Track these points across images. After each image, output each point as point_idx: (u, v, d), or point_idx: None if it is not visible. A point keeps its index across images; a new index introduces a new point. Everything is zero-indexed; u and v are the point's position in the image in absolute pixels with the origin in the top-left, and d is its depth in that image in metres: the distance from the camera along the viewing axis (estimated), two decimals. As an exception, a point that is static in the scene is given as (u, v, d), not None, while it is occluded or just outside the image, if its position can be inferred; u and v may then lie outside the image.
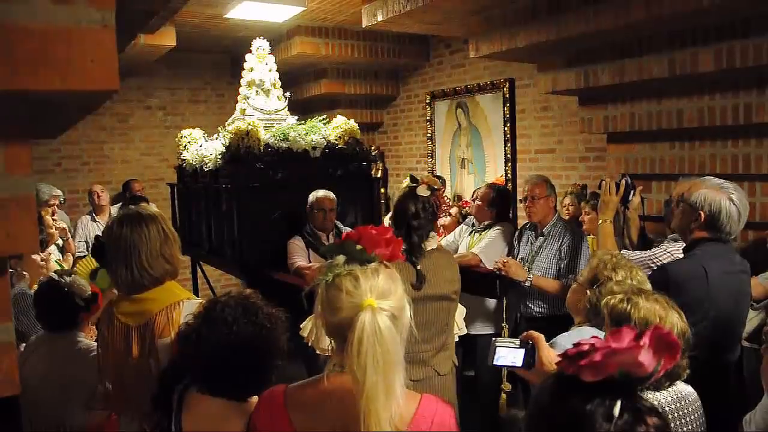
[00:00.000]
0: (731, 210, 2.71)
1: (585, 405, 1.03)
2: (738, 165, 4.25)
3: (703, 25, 3.98)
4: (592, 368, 1.03)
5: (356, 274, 1.44)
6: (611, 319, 2.02)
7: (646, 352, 1.01)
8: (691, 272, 2.65)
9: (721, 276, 2.60)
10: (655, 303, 1.97)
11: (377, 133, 9.48)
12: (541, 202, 4.28)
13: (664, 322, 1.92)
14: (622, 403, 1.02)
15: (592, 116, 5.11)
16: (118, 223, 2.36)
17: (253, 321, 1.88)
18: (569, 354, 1.06)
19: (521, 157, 7.05)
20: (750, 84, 4.03)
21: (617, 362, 1.02)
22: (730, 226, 2.73)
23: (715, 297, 2.55)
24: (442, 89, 8.04)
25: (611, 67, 4.59)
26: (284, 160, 4.85)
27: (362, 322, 1.34)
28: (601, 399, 1.03)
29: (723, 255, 2.76)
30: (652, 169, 4.77)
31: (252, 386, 1.82)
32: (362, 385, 1.32)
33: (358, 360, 1.32)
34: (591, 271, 2.49)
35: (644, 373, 1.03)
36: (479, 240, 4.71)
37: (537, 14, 4.57)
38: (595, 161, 6.18)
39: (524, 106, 6.95)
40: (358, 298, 1.39)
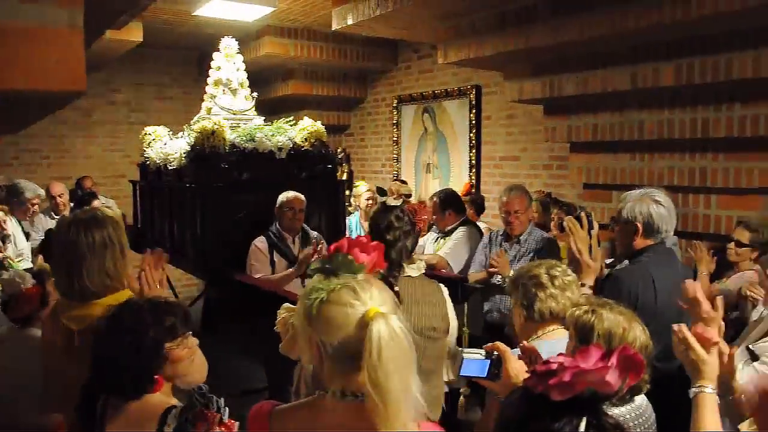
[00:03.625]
0: (661, 211, 2.85)
1: (553, 423, 1.05)
2: (695, 177, 4.36)
3: (664, 40, 4.08)
4: (561, 387, 1.05)
5: (352, 285, 1.38)
6: (576, 331, 2.05)
7: (614, 371, 1.04)
8: (640, 278, 2.76)
9: (667, 282, 2.68)
10: (619, 315, 2.01)
11: (344, 136, 9.48)
12: (522, 217, 4.33)
13: (627, 334, 1.96)
14: (587, 421, 1.05)
15: (556, 125, 5.19)
16: (66, 226, 2.24)
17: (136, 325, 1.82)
18: (538, 372, 1.08)
19: (486, 164, 7.12)
20: (708, 100, 4.14)
21: (585, 382, 1.05)
22: (664, 226, 2.86)
23: (662, 303, 2.63)
24: (409, 94, 8.09)
25: (576, 78, 4.68)
26: (250, 160, 4.82)
27: (378, 331, 1.28)
28: (568, 417, 1.05)
29: (667, 262, 2.88)
30: (612, 179, 4.86)
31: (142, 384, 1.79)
32: (386, 393, 1.26)
33: (381, 368, 1.26)
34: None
35: (610, 391, 1.06)
36: (443, 245, 4.77)
37: (505, 24, 4.63)
38: (558, 169, 6.27)
39: (490, 113, 7.03)
40: (361, 309, 1.33)
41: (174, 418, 1.70)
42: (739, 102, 4.00)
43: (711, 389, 1.81)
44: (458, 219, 4.86)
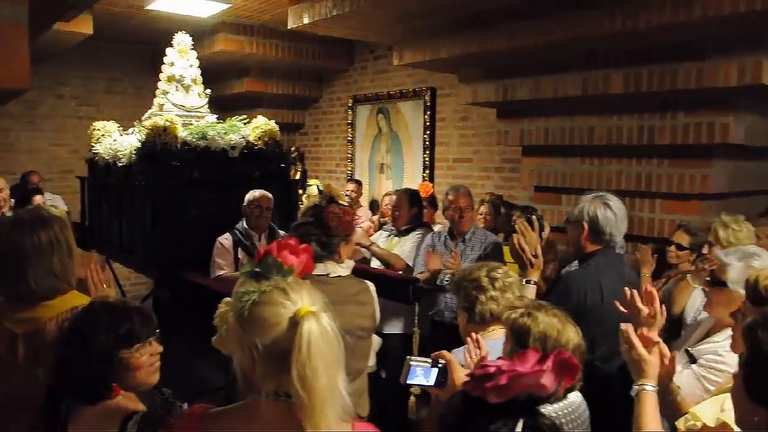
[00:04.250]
0: (608, 215, 2.92)
1: (489, 424, 1.09)
2: (641, 182, 4.48)
3: (615, 49, 4.18)
4: (498, 391, 1.08)
5: (282, 286, 1.40)
6: (512, 333, 2.09)
7: (549, 374, 1.08)
8: (588, 283, 2.83)
9: (614, 287, 2.75)
10: (554, 317, 2.06)
11: (298, 135, 9.44)
12: (470, 214, 4.41)
13: (561, 336, 2.01)
14: (524, 422, 1.08)
15: (508, 129, 5.27)
16: (8, 226, 2.16)
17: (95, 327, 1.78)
18: (476, 376, 1.11)
19: (439, 165, 7.18)
20: (654, 108, 4.26)
21: (521, 385, 1.08)
22: (610, 229, 2.92)
23: (608, 307, 2.69)
24: (364, 94, 8.10)
25: (529, 83, 4.75)
26: (202, 159, 4.77)
27: (308, 329, 1.30)
28: (505, 419, 1.08)
29: (615, 267, 2.95)
30: (563, 182, 4.96)
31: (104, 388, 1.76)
32: (312, 392, 1.29)
33: (310, 366, 1.28)
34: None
35: (545, 394, 1.09)
36: (397, 244, 4.78)
37: (461, 28, 4.68)
38: (510, 172, 6.37)
39: (445, 115, 7.09)
40: (292, 309, 1.35)
41: (135, 425, 1.67)
42: (683, 111, 4.13)
43: (652, 387, 1.89)
44: (416, 219, 4.89)
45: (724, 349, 2.21)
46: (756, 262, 2.23)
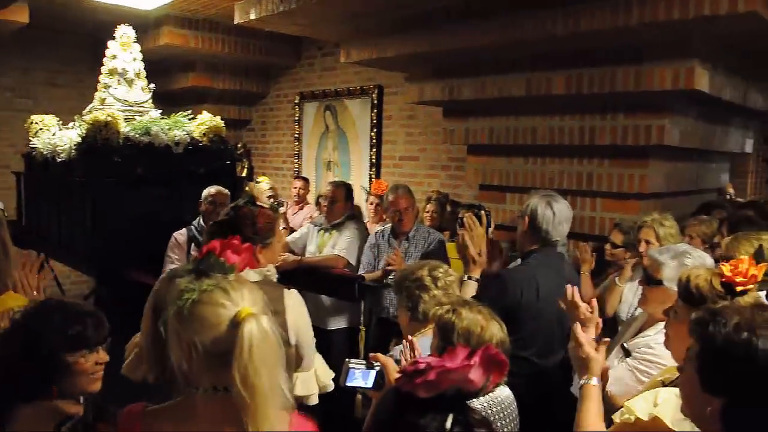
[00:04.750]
0: (547, 213, 2.99)
1: (419, 419, 1.11)
2: (582, 181, 4.60)
3: (557, 51, 4.28)
4: (427, 386, 1.11)
5: (224, 286, 1.40)
6: (438, 329, 2.15)
7: (477, 370, 1.11)
8: (525, 281, 2.88)
9: (550, 285, 2.82)
10: (478, 314, 2.11)
11: (245, 131, 9.34)
12: (411, 214, 4.43)
13: (484, 332, 2.06)
14: (454, 417, 1.11)
15: (454, 128, 5.33)
16: None
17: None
18: (407, 372, 1.14)
19: (386, 163, 7.22)
20: (594, 109, 4.37)
21: (450, 380, 1.11)
22: (546, 226, 2.99)
23: (544, 304, 2.76)
24: (311, 90, 8.07)
25: (474, 83, 4.82)
26: (145, 155, 4.69)
27: (249, 331, 1.32)
28: (435, 413, 1.11)
29: (553, 265, 3.01)
30: (507, 181, 5.05)
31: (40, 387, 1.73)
32: (254, 391, 1.30)
33: (251, 366, 1.30)
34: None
35: (474, 389, 1.13)
36: (330, 239, 4.75)
37: (407, 27, 4.71)
38: (455, 170, 6.45)
39: (391, 113, 7.12)
40: (233, 309, 1.36)
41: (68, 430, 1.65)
42: (622, 113, 4.25)
43: (596, 382, 1.95)
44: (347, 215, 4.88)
45: (656, 342, 2.30)
46: (688, 260, 2.32)
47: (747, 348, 1.29)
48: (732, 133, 5.41)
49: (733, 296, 1.88)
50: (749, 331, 1.30)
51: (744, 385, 1.29)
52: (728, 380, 1.32)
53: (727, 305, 1.41)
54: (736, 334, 1.31)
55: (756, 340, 1.28)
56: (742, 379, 1.29)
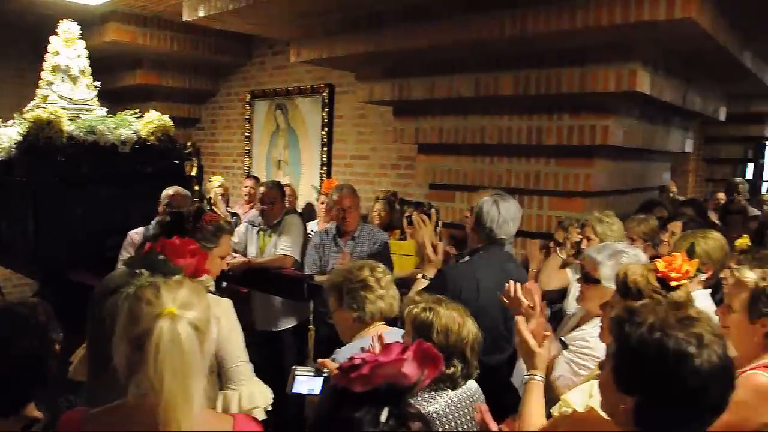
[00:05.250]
0: (492, 211, 3.05)
1: (354, 413, 1.14)
2: (530, 180, 4.69)
3: (505, 53, 4.35)
4: (361, 380, 1.14)
5: (158, 284, 1.40)
6: (414, 328, 2.16)
7: (410, 364, 1.14)
8: (465, 278, 2.94)
9: (492, 282, 2.87)
10: (454, 311, 2.16)
11: (194, 130, 9.22)
12: (354, 213, 4.44)
13: (462, 328, 2.11)
14: (389, 410, 1.14)
15: (404, 127, 5.37)
16: None
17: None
18: (342, 367, 1.17)
19: (336, 162, 7.22)
20: (541, 109, 4.47)
21: (383, 374, 1.14)
22: (490, 224, 3.04)
23: (485, 302, 2.80)
24: (262, 89, 8.02)
25: (424, 83, 4.87)
26: (90, 154, 4.58)
27: (160, 329, 1.32)
28: (370, 407, 1.14)
29: (497, 263, 3.05)
30: (456, 180, 5.11)
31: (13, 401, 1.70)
32: (160, 393, 1.30)
33: (155, 366, 1.30)
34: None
35: (409, 383, 1.16)
36: (270, 239, 4.71)
37: (357, 27, 4.72)
38: (405, 169, 6.49)
39: (342, 112, 7.13)
40: (158, 308, 1.35)
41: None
42: (568, 113, 4.35)
43: (540, 378, 2.02)
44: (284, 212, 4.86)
45: (591, 335, 2.37)
46: (624, 258, 2.40)
47: (659, 348, 1.30)
48: (673, 133, 5.59)
49: (668, 290, 1.96)
50: (662, 332, 1.31)
51: (655, 385, 1.31)
52: (641, 380, 1.34)
53: (645, 303, 1.43)
54: (649, 334, 1.33)
55: (668, 341, 1.30)
56: (653, 379, 1.31)
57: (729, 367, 1.32)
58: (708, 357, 1.28)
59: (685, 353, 1.28)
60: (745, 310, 2.16)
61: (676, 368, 1.28)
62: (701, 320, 1.34)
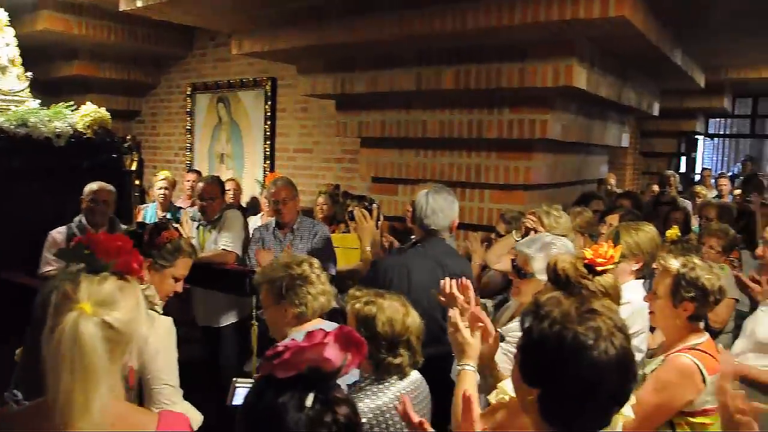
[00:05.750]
0: (422, 202, 3.08)
1: (278, 398, 1.16)
2: (471, 174, 4.75)
3: (446, 47, 4.40)
4: (283, 366, 1.16)
5: (80, 279, 1.36)
6: (358, 322, 2.17)
7: (332, 348, 1.16)
8: (395, 268, 2.96)
9: (425, 274, 2.90)
10: (396, 301, 2.19)
11: (134, 122, 9.03)
12: (290, 205, 4.41)
13: (407, 317, 2.14)
14: (314, 395, 1.16)
15: (347, 120, 5.37)
16: None
17: None
18: (267, 356, 1.19)
19: (280, 155, 7.19)
20: (482, 104, 4.53)
21: (305, 359, 1.16)
22: (422, 215, 3.08)
23: (417, 294, 2.81)
24: (204, 82, 7.90)
25: (366, 77, 4.87)
26: (22, 148, 4.43)
27: (65, 324, 1.27)
28: (295, 392, 1.16)
29: (432, 255, 3.06)
30: (399, 173, 5.14)
31: None
32: (56, 391, 1.26)
33: (54, 363, 1.26)
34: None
35: (332, 368, 1.18)
36: (210, 235, 4.67)
37: (299, 19, 4.69)
38: (349, 163, 6.50)
39: (285, 105, 7.09)
40: (73, 303, 1.31)
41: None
42: (508, 107, 4.43)
43: (471, 367, 2.04)
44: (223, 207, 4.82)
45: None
46: (554, 249, 2.47)
47: (557, 341, 1.33)
48: (609, 128, 5.74)
49: (595, 275, 2.03)
50: (561, 325, 1.34)
51: (555, 377, 1.34)
52: (541, 372, 1.36)
53: (551, 297, 1.45)
54: (550, 327, 1.35)
55: (566, 334, 1.32)
56: (553, 371, 1.34)
57: (627, 359, 1.34)
58: (605, 349, 1.30)
59: (581, 345, 1.30)
60: (669, 296, 2.30)
61: (573, 360, 1.31)
62: (603, 314, 1.36)
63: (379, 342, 2.11)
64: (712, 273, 2.31)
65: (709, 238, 4.20)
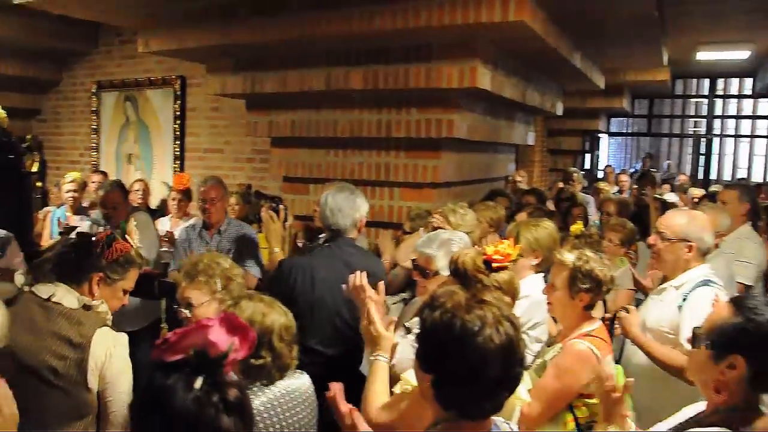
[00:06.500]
0: (327, 203, 3.08)
1: (166, 380, 1.19)
2: (381, 172, 4.82)
3: (354, 48, 4.45)
4: (169, 349, 1.20)
5: None
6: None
7: (217, 331, 1.22)
8: (299, 268, 2.96)
9: (330, 273, 2.93)
10: (260, 302, 2.16)
11: (35, 121, 8.65)
12: (219, 205, 4.35)
13: (266, 317, 2.09)
14: (203, 379, 1.19)
15: (257, 120, 5.34)
16: None
17: None
18: (156, 343, 1.23)
19: (190, 156, 7.07)
20: (391, 103, 4.61)
21: (190, 342, 1.20)
22: (325, 214, 3.09)
23: (322, 293, 2.85)
24: (110, 80, 7.67)
25: (276, 76, 4.87)
26: None
27: None
28: (183, 374, 1.19)
29: (340, 254, 3.07)
30: (310, 172, 5.16)
31: None
32: None
33: None
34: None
35: (219, 351, 1.21)
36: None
37: (208, 18, 4.62)
38: (260, 163, 6.47)
39: (195, 104, 6.98)
40: None
41: None
42: (416, 107, 4.52)
43: (384, 358, 2.12)
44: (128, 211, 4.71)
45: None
46: (454, 246, 2.56)
47: (446, 328, 1.40)
48: (516, 127, 5.95)
49: (492, 271, 2.13)
50: (452, 314, 1.41)
51: (443, 362, 1.41)
52: (432, 359, 1.44)
53: (448, 290, 1.52)
54: (441, 316, 1.43)
55: (455, 321, 1.40)
56: (442, 357, 1.41)
57: (513, 347, 1.41)
58: (489, 336, 1.37)
59: (468, 332, 1.38)
60: (566, 288, 2.42)
61: (460, 346, 1.38)
62: (491, 304, 1.44)
63: None
64: (604, 265, 2.46)
65: (609, 232, 4.42)
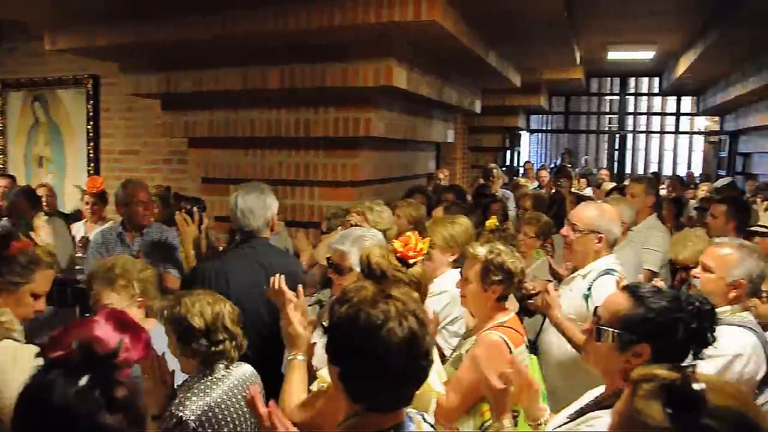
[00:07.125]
0: (237, 204, 3.05)
1: (46, 375, 1.15)
2: (300, 172, 4.82)
3: (271, 47, 4.42)
4: (53, 344, 1.18)
5: None
6: (172, 327, 2.19)
7: (102, 327, 1.21)
8: (212, 270, 2.95)
9: (246, 276, 2.91)
10: (201, 294, 2.23)
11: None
12: (151, 206, 4.24)
13: (214, 305, 2.19)
14: (90, 377, 1.14)
15: (174, 120, 5.23)
16: None
17: None
18: (40, 342, 1.21)
19: (105, 158, 6.86)
20: (308, 103, 4.61)
21: (73, 336, 1.18)
22: (237, 217, 3.06)
23: (239, 295, 2.81)
24: (16, 79, 7.33)
25: (191, 75, 4.78)
26: None
27: None
28: (63, 369, 1.15)
29: (254, 255, 3.04)
30: (228, 173, 5.10)
31: None
32: None
33: None
34: None
35: (107, 348, 1.19)
36: None
37: (120, 15, 4.50)
38: (178, 164, 6.35)
39: (109, 105, 6.78)
40: None
41: None
42: (333, 106, 4.54)
43: (302, 357, 2.15)
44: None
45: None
46: (366, 242, 2.57)
47: (350, 322, 1.44)
48: (435, 125, 6.04)
49: (407, 267, 2.17)
50: (357, 308, 1.44)
51: (348, 354, 1.45)
52: (338, 351, 1.48)
53: (357, 286, 1.55)
54: (347, 311, 1.46)
55: (359, 315, 1.43)
56: (346, 349, 1.45)
57: (417, 341, 1.44)
58: (392, 329, 1.40)
59: (371, 326, 1.41)
60: (479, 280, 2.48)
61: (364, 339, 1.41)
62: (397, 299, 1.47)
63: (198, 337, 2.15)
64: (515, 257, 2.53)
65: (524, 226, 4.53)
